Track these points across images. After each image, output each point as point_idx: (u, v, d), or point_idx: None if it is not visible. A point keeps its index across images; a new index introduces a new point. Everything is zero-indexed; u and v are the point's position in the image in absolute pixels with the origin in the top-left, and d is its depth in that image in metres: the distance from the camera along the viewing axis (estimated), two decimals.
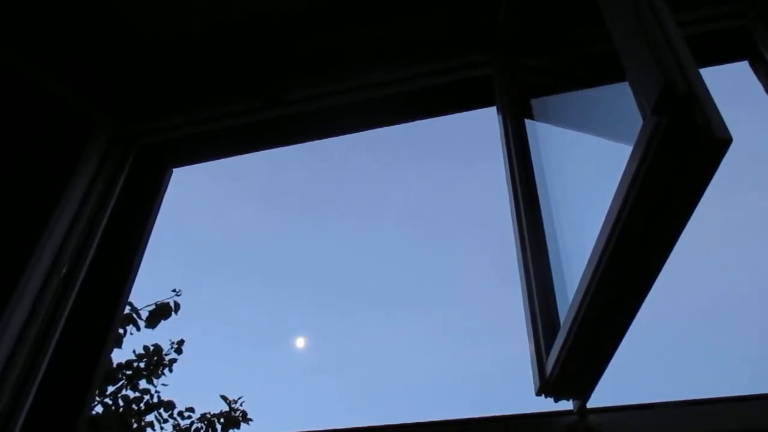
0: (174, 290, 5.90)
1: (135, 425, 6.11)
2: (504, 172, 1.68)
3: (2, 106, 1.84)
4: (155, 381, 6.29)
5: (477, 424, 1.39)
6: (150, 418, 6.27)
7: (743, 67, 1.66)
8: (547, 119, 1.68)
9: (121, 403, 6.01)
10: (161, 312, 5.80)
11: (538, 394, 1.27)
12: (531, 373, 1.32)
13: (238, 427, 6.86)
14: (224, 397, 6.99)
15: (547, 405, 1.27)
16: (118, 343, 5.58)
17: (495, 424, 1.37)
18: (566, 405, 1.28)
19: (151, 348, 6.33)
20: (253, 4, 1.91)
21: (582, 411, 1.26)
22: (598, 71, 1.26)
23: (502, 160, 1.72)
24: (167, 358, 6.40)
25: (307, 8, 1.92)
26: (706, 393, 1.28)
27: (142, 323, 5.76)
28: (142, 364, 6.24)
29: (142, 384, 6.22)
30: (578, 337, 1.10)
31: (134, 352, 6.29)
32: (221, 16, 1.95)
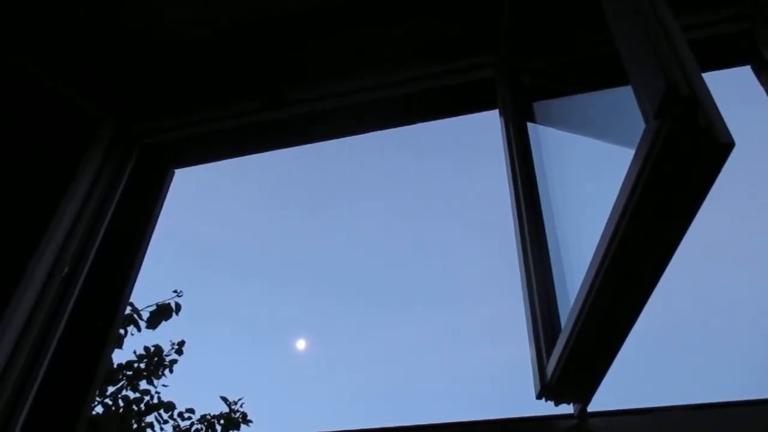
0: (175, 291, 5.91)
1: (135, 426, 6.11)
2: (506, 175, 1.68)
3: (5, 105, 1.84)
4: (155, 382, 6.30)
5: (477, 427, 1.39)
6: (150, 418, 6.27)
7: (746, 71, 1.66)
8: (549, 122, 1.68)
9: (121, 403, 6.01)
10: (162, 313, 5.80)
11: (539, 397, 1.27)
12: (531, 376, 1.32)
13: (238, 429, 6.85)
14: (224, 399, 6.98)
15: (547, 408, 1.27)
16: (119, 344, 5.58)
17: (495, 427, 1.37)
18: (567, 409, 1.28)
19: (152, 349, 6.33)
20: (256, 5, 1.92)
21: (582, 415, 1.26)
22: (601, 74, 1.26)
23: (503, 162, 1.72)
24: (167, 358, 6.40)
25: (309, 10, 1.93)
26: (706, 398, 1.28)
27: (142, 324, 5.77)
28: (142, 365, 6.24)
29: (143, 385, 6.22)
30: (579, 341, 1.10)
31: (135, 352, 6.29)
32: (224, 17, 1.95)
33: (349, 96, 1.99)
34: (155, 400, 6.30)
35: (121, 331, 5.58)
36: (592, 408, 1.26)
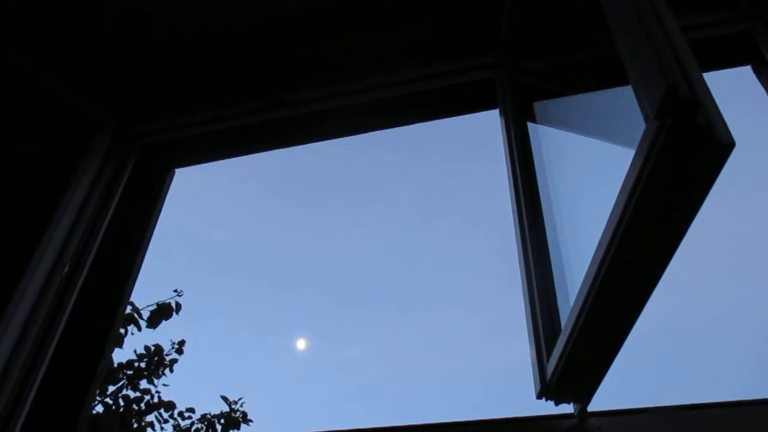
0: (175, 290, 5.90)
1: (135, 425, 6.11)
2: (506, 175, 1.68)
3: (6, 105, 1.84)
4: (156, 381, 6.30)
5: (477, 426, 1.39)
6: (150, 418, 6.27)
7: (746, 71, 1.66)
8: (549, 122, 1.69)
9: (121, 403, 6.01)
10: (162, 312, 5.80)
11: (539, 397, 1.27)
12: (531, 376, 1.32)
13: (238, 428, 6.85)
14: (224, 398, 6.98)
15: (547, 408, 1.27)
16: (119, 343, 5.58)
17: (495, 427, 1.37)
18: (567, 408, 1.28)
19: (152, 348, 6.33)
20: (256, 6, 1.92)
21: (583, 414, 1.26)
22: (601, 75, 1.26)
23: (504, 162, 1.72)
24: (168, 358, 6.40)
25: (309, 11, 1.93)
26: (705, 397, 1.28)
27: (143, 323, 5.76)
28: (142, 364, 6.24)
29: (143, 384, 6.22)
30: (579, 341, 1.10)
31: (135, 352, 6.29)
32: (224, 18, 1.95)
33: (348, 96, 1.99)
34: (155, 400, 6.30)
35: (122, 331, 5.58)
36: (592, 408, 1.26)
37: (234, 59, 2.06)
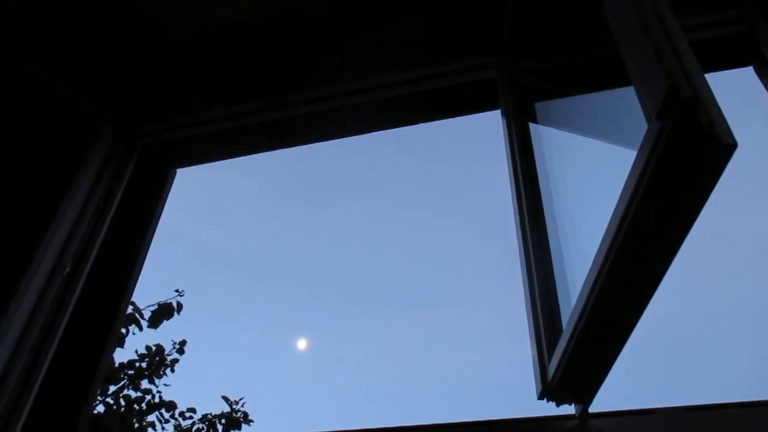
0: (177, 290, 5.92)
1: (136, 425, 6.12)
2: (507, 175, 1.68)
3: (5, 104, 1.84)
4: (157, 381, 6.31)
5: (478, 427, 1.39)
6: (151, 418, 6.28)
7: (748, 72, 1.66)
8: (551, 123, 1.68)
9: (122, 402, 6.02)
10: (163, 312, 5.81)
11: (540, 398, 1.27)
12: (533, 376, 1.32)
13: (239, 428, 6.86)
14: (225, 398, 7.00)
15: (549, 409, 1.27)
16: (121, 343, 5.59)
17: (496, 427, 1.37)
18: (568, 409, 1.28)
19: (153, 348, 6.34)
20: (258, 5, 1.92)
21: (584, 415, 1.26)
22: (603, 75, 1.26)
23: (505, 163, 1.72)
24: (169, 358, 6.42)
25: (311, 11, 1.93)
26: (708, 399, 1.28)
27: (144, 323, 5.78)
28: (144, 364, 6.25)
29: (144, 384, 6.24)
30: (580, 342, 1.10)
31: (136, 351, 6.30)
32: (227, 17, 1.95)
33: (351, 96, 1.99)
34: (156, 400, 6.31)
35: (123, 330, 5.59)
36: (593, 409, 1.25)
37: (235, 59, 2.06)
